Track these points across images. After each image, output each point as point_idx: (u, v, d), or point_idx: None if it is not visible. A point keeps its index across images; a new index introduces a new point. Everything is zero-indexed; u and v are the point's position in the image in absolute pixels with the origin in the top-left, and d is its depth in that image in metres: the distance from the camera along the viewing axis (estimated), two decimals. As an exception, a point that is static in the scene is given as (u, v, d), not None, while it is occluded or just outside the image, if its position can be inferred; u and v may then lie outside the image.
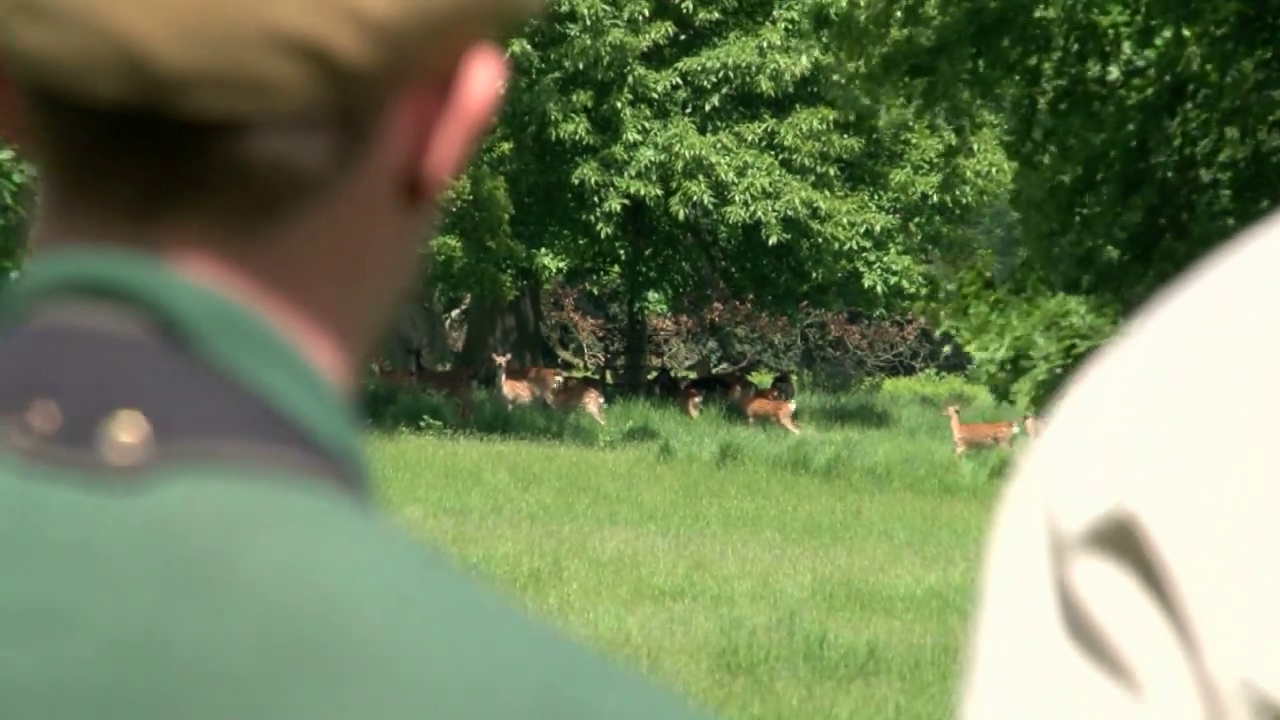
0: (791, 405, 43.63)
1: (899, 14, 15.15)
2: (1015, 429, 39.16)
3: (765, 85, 44.59)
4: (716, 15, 45.01)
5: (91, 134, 1.13)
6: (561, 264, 46.77)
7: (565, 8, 42.87)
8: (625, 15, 44.16)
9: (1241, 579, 1.05)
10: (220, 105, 1.11)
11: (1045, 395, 15.12)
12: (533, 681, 1.10)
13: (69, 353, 1.14)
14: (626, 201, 44.98)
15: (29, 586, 1.10)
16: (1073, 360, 14.21)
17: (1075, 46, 14.45)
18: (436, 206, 1.22)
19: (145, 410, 1.11)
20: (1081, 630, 1.06)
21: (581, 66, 44.00)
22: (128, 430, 1.11)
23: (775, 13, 44.73)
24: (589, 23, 43.60)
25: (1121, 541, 1.07)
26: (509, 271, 45.49)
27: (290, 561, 1.10)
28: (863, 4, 15.74)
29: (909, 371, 62.07)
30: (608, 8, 43.89)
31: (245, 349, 1.14)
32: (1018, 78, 15.00)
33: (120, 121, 1.12)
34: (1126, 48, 14.18)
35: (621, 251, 47.46)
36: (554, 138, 44.13)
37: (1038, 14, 14.39)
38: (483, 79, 1.19)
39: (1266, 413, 1.06)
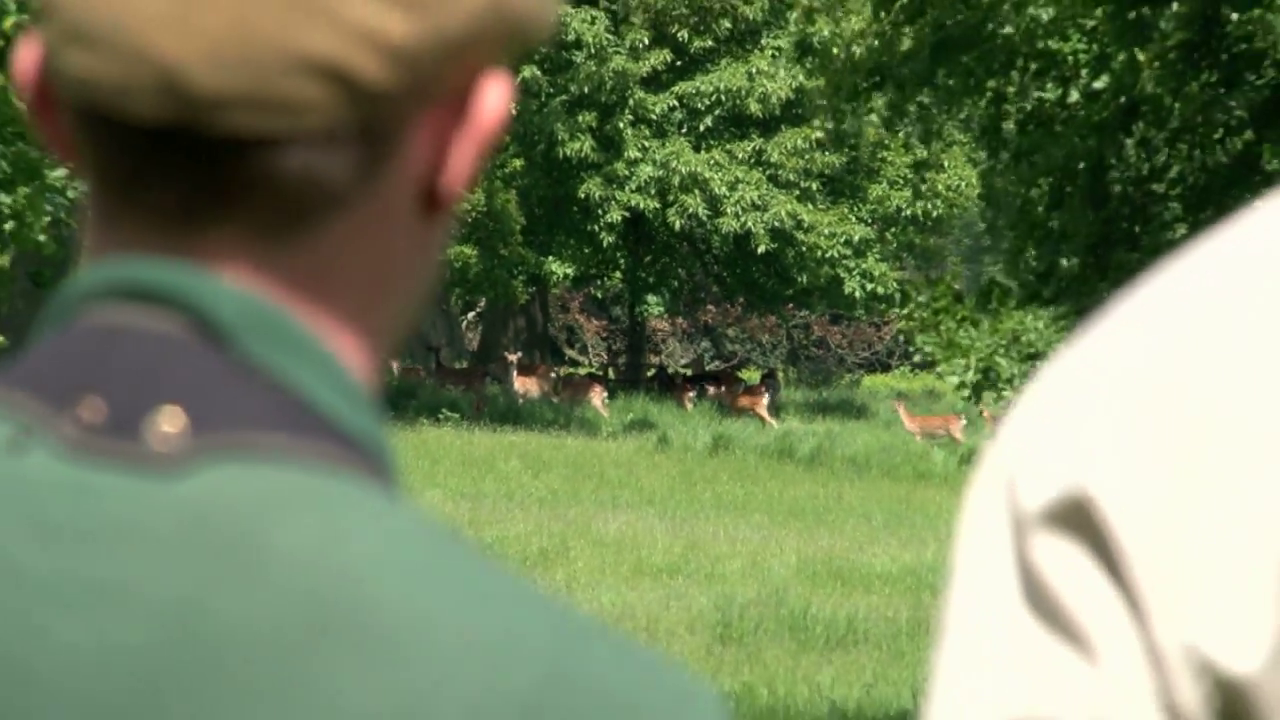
0: (765, 399, 43.70)
1: (874, 39, 15.14)
2: (964, 420, 39.50)
3: (754, 107, 44.55)
4: (710, 43, 44.98)
5: (134, 150, 1.13)
6: (568, 270, 46.66)
7: (572, 36, 42.92)
8: (627, 44, 44.15)
9: (1187, 554, 1.04)
10: (252, 124, 1.11)
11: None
12: (538, 649, 1.09)
13: (114, 351, 1.13)
14: (627, 213, 44.85)
15: (80, 561, 1.10)
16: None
17: (1034, 69, 14.42)
18: (454, 217, 1.22)
19: (185, 404, 1.12)
20: (1041, 602, 1.05)
21: (587, 90, 43.95)
22: (169, 422, 1.11)
23: (763, 41, 44.75)
24: (593, 50, 43.64)
25: (1077, 519, 1.06)
26: (520, 277, 45.47)
27: (318, 541, 1.10)
28: (844, 36, 15.73)
29: (885, 368, 62.07)
30: (611, 37, 43.94)
31: (277, 348, 1.14)
32: (983, 100, 14.96)
33: (160, 138, 1.12)
34: (1084, 73, 14.15)
35: (623, 259, 47.43)
36: (561, 155, 44.03)
37: (999, 35, 14.36)
38: (494, 99, 1.18)
39: (1213, 400, 1.06)
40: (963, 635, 1.08)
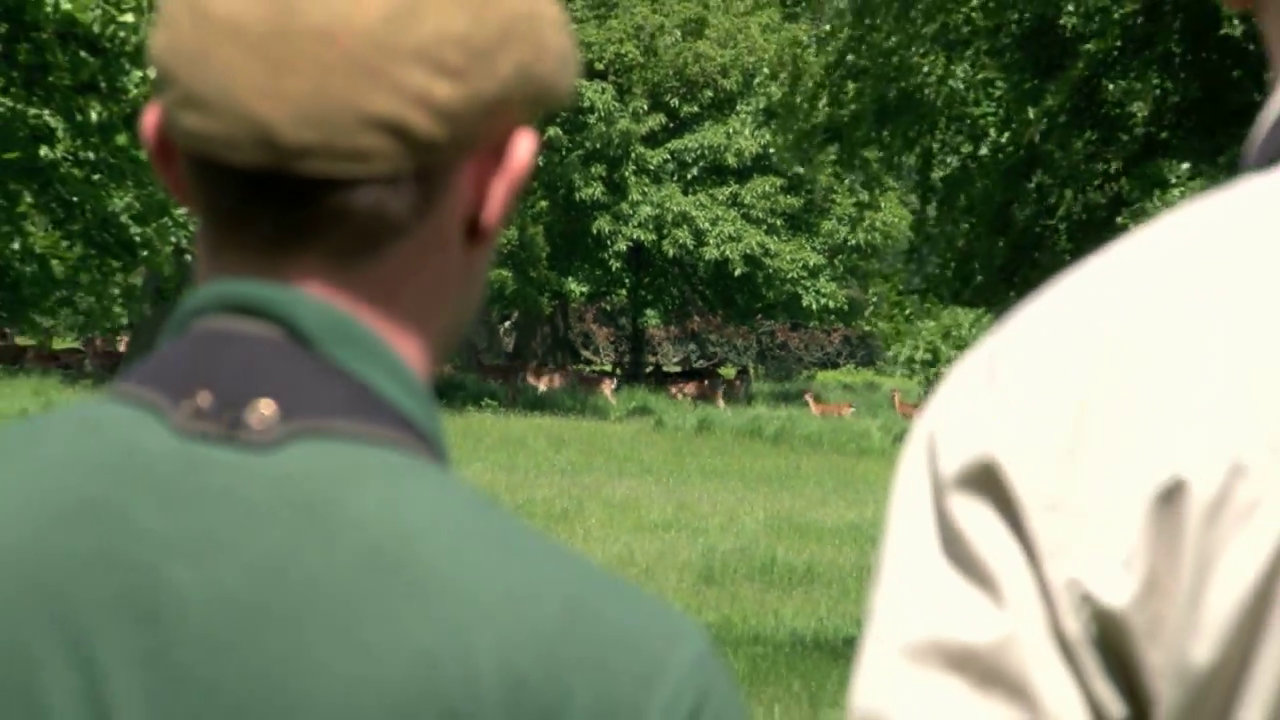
0: (720, 392, 44.61)
1: (824, 100, 15.12)
2: (853, 408, 40.72)
3: (730, 160, 44.66)
4: (695, 109, 45.06)
5: (235, 191, 1.13)
6: (583, 289, 46.83)
7: (586, 103, 42.99)
8: (630, 109, 44.12)
9: (1072, 507, 1.03)
10: (330, 169, 1.11)
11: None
12: (559, 593, 1.09)
13: (221, 353, 1.13)
14: (630, 244, 44.98)
15: (191, 521, 1.10)
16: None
17: (954, 130, 14.41)
18: (493, 247, 1.21)
19: (276, 396, 1.12)
20: (955, 549, 1.03)
21: (598, 146, 44.02)
22: (263, 410, 1.11)
23: (738, 107, 44.87)
24: (603, 114, 43.65)
25: (984, 481, 1.04)
26: (545, 294, 45.46)
27: (381, 505, 1.09)
28: (799, 99, 15.70)
29: (834, 366, 62.02)
30: (617, 104, 43.97)
31: (351, 351, 1.13)
32: (914, 155, 14.97)
33: (256, 181, 1.12)
34: (992, 132, 14.14)
35: (627, 280, 47.46)
36: (578, 198, 44.08)
37: (926, 103, 14.35)
38: (524, 149, 1.17)
39: (1094, 381, 1.03)
40: (895, 576, 1.06)
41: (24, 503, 1.11)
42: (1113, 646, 1.02)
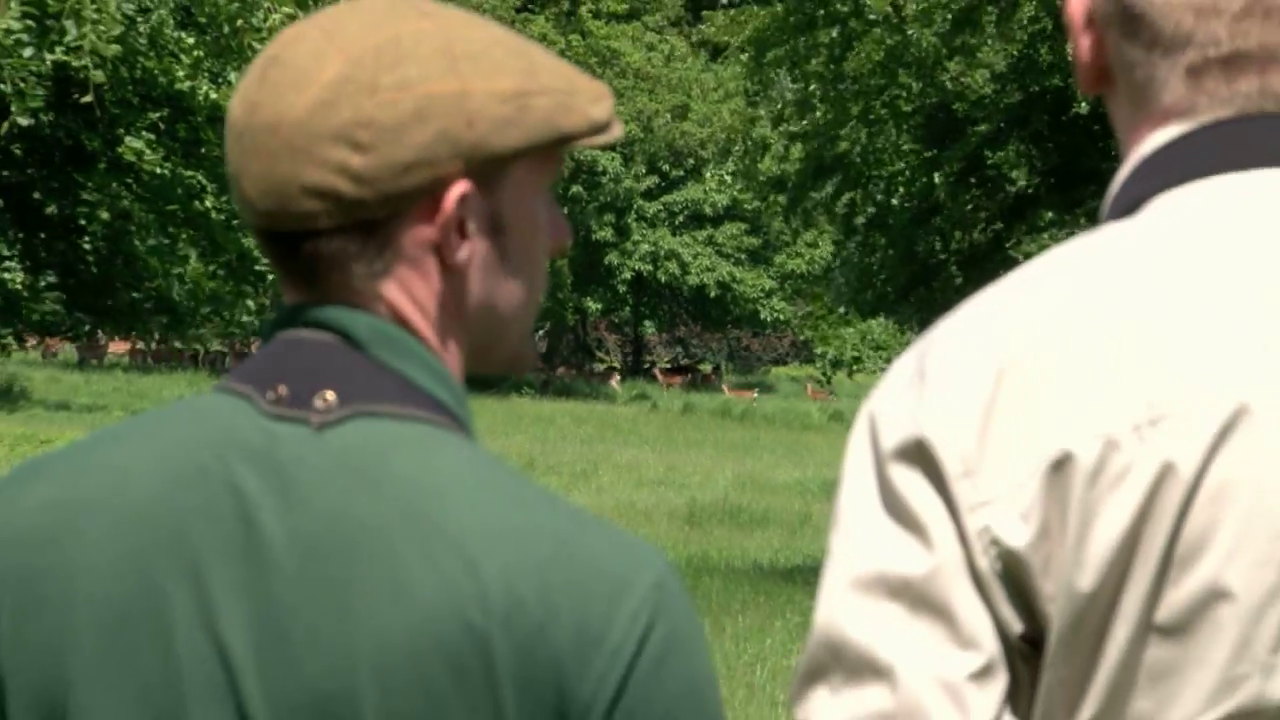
0: (678, 380, 45.19)
1: (772, 160, 15.19)
2: (756, 394, 40.97)
3: (707, 209, 45.35)
4: (681, 172, 45.55)
5: (266, 244, 1.16)
6: (598, 306, 47.31)
7: (600, 168, 43.45)
8: (632, 172, 44.58)
9: (984, 471, 1.02)
10: (291, 226, 1.11)
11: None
12: (550, 533, 1.08)
13: (293, 355, 1.14)
14: (633, 274, 45.64)
15: (273, 482, 1.10)
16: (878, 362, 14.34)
17: (873, 186, 14.41)
18: (528, 282, 1.18)
19: (335, 387, 1.12)
20: (893, 506, 1.03)
21: (609, 199, 44.48)
22: (326, 397, 1.11)
23: (712, 170, 45.31)
24: (612, 176, 44.05)
25: (916, 454, 1.03)
26: (569, 309, 45.74)
27: (414, 469, 1.09)
28: (752, 160, 15.73)
29: (784, 363, 62.09)
30: (623, 169, 44.38)
31: (391, 352, 1.13)
32: (841, 205, 14.98)
33: (263, 235, 1.15)
34: (902, 188, 14.15)
35: (630, 299, 47.96)
36: (594, 239, 44.46)
37: (854, 164, 14.37)
38: (451, 197, 1.12)
39: (1002, 371, 1.03)
40: (847, 526, 1.06)
41: (155, 470, 1.11)
42: (1014, 579, 1.02)
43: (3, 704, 1.10)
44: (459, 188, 1.10)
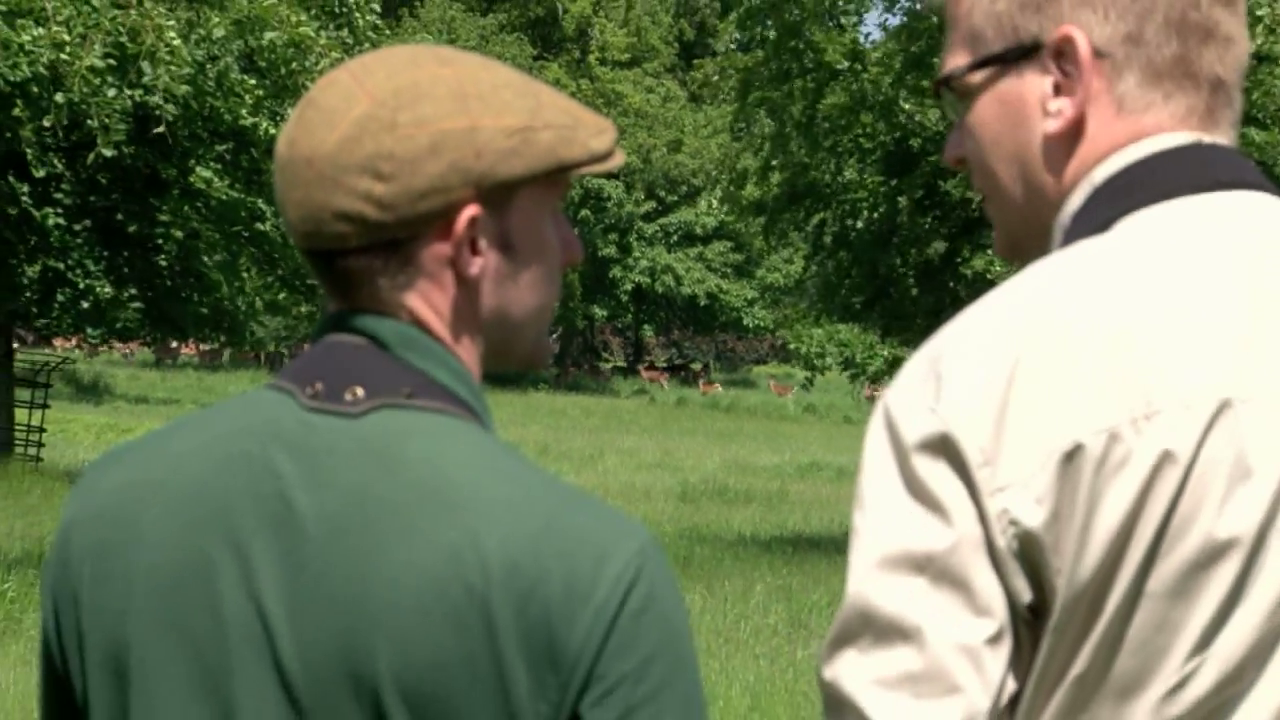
0: (665, 378, 44.77)
1: (753, 185, 15.23)
2: (719, 387, 41.11)
3: (698, 230, 45.38)
4: (676, 198, 45.74)
5: (308, 260, 1.17)
6: (604, 313, 47.21)
7: (606, 195, 43.51)
8: (633, 198, 44.72)
9: (1001, 459, 1.01)
10: (326, 245, 1.12)
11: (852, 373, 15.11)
12: (545, 510, 1.07)
13: (329, 356, 1.14)
14: (633, 285, 45.70)
15: (308, 465, 1.10)
16: (852, 362, 14.36)
17: (841, 209, 14.41)
18: (510, 289, 1.17)
19: (363, 383, 1.12)
20: (918, 491, 1.02)
21: (613, 221, 44.66)
22: (355, 392, 1.12)
23: (703, 194, 45.44)
24: (616, 201, 44.11)
25: (941, 447, 1.02)
26: (579, 316, 45.81)
27: (428, 452, 1.09)
28: (746, 190, 15.74)
29: (764, 363, 62.12)
30: (625, 195, 44.42)
31: (413, 352, 1.13)
32: (811, 226, 14.99)
33: (306, 254, 1.15)
34: (866, 210, 14.15)
35: (631, 308, 48.01)
36: (600, 255, 44.61)
37: (823, 189, 14.39)
38: (462, 220, 1.13)
39: (1013, 372, 1.02)
40: (873, 509, 1.04)
41: (207, 454, 1.13)
42: (1028, 555, 1.01)
43: (82, 660, 1.13)
44: (469, 211, 1.11)
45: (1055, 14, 1.11)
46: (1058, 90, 1.11)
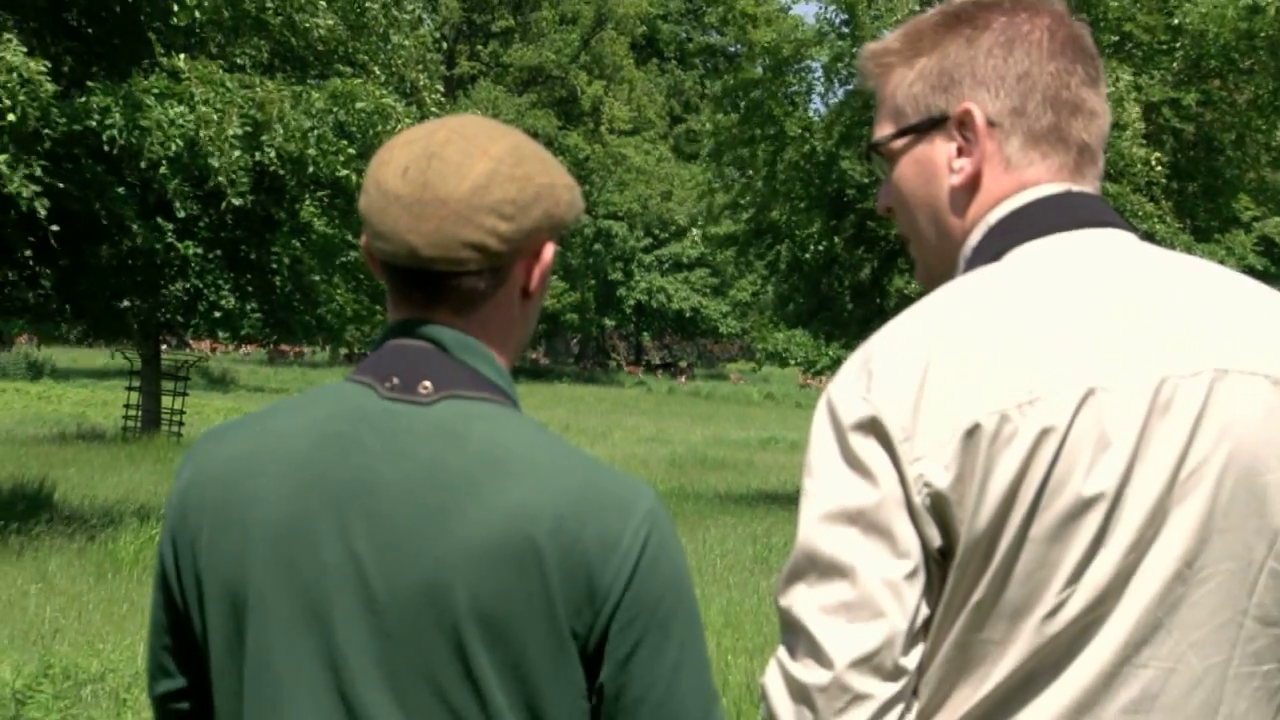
0: (640, 370, 44.69)
1: (725, 224, 15.18)
2: (685, 378, 40.46)
3: (684, 260, 45.33)
4: (667, 235, 45.78)
5: (401, 278, 1.14)
6: (612, 323, 46.90)
7: (614, 233, 43.45)
8: (634, 234, 44.52)
9: (919, 434, 1.01)
10: (445, 268, 1.10)
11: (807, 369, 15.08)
12: (580, 475, 1.07)
13: (401, 356, 1.13)
14: (635, 302, 45.50)
15: (389, 442, 1.08)
16: (806, 360, 14.35)
17: (792, 243, 14.34)
18: (539, 305, 1.18)
19: (431, 378, 1.11)
20: (853, 460, 1.03)
21: (618, 253, 44.51)
22: (425, 385, 1.10)
23: (688, 232, 45.44)
24: (621, 238, 43.98)
25: (871, 426, 1.02)
26: (593, 325, 45.73)
27: (487, 430, 1.08)
28: (719, 228, 15.69)
29: (735, 361, 62.04)
30: (628, 232, 44.21)
31: (468, 355, 1.12)
32: (770, 255, 14.93)
33: (410, 273, 1.12)
34: (811, 244, 14.09)
35: (633, 319, 47.90)
36: (609, 279, 44.47)
37: (778, 227, 14.33)
38: (548, 253, 1.15)
39: (926, 369, 1.02)
40: (818, 476, 1.03)
41: (307, 433, 1.11)
42: (937, 510, 1.01)
43: (200, 593, 1.11)
44: (551, 246, 1.14)
45: (958, 94, 1.11)
46: (960, 152, 1.12)
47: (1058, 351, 1.02)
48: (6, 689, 4.57)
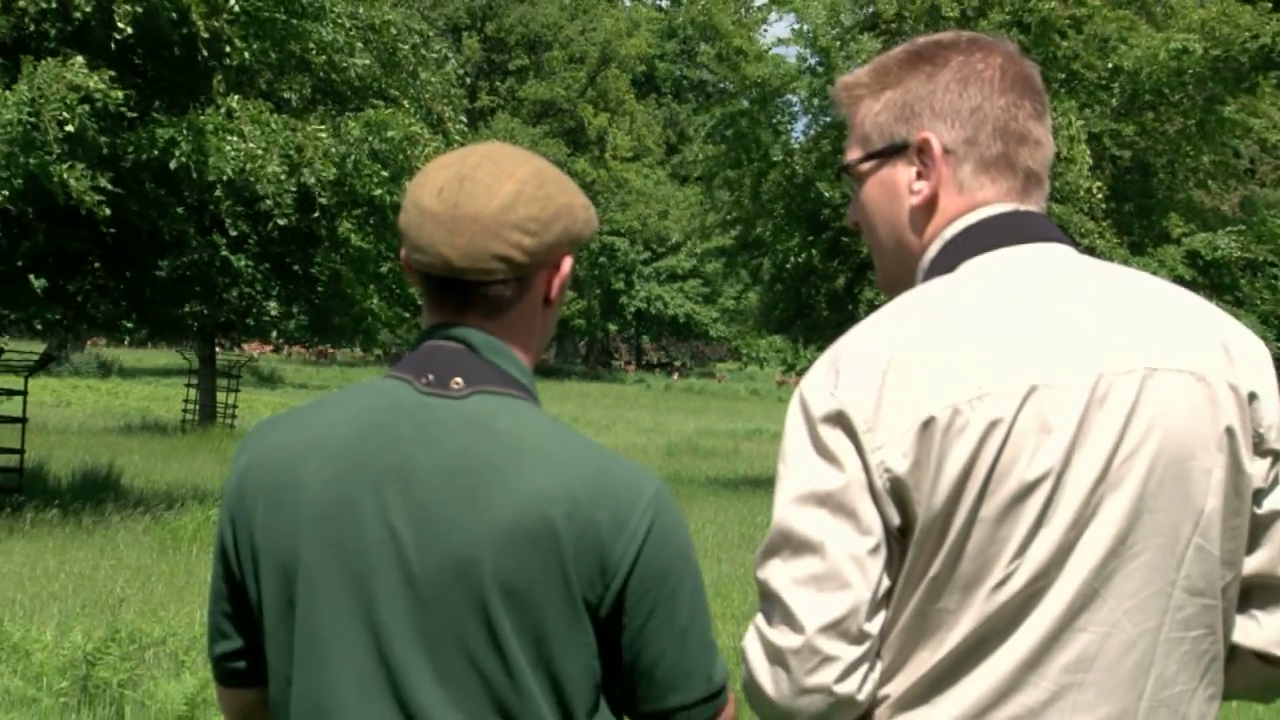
0: (632, 367, 44.51)
1: (715, 239, 15.17)
2: (676, 375, 40.11)
3: (679, 271, 45.07)
4: (664, 250, 45.72)
5: (436, 286, 1.13)
6: (615, 328, 46.85)
7: (618, 249, 43.45)
8: (635, 249, 44.41)
9: (880, 425, 1.01)
10: (475, 278, 1.10)
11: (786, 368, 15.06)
12: (593, 462, 1.07)
13: (435, 355, 1.12)
14: (636, 309, 45.32)
15: (424, 432, 1.08)
16: (787, 361, 14.33)
17: (774, 255, 14.31)
18: (558, 311, 1.17)
19: (463, 375, 1.10)
20: (822, 449, 1.02)
21: (621, 265, 44.36)
22: (457, 381, 1.10)
23: (681, 248, 45.45)
24: (624, 253, 43.85)
25: (838, 419, 1.02)
26: (599, 329, 45.71)
27: (512, 422, 1.08)
28: (709, 242, 15.68)
29: (724, 361, 62.03)
30: (630, 247, 44.02)
31: (496, 355, 1.12)
32: (753, 264, 14.91)
33: (444, 282, 1.12)
34: (790, 256, 14.07)
35: (634, 324, 47.86)
36: (612, 289, 44.41)
37: (761, 240, 14.32)
38: (567, 265, 1.15)
39: (886, 367, 1.02)
40: (792, 462, 1.03)
41: (350, 423, 1.11)
42: (897, 493, 1.01)
43: (255, 566, 1.12)
44: (569, 259, 1.14)
45: (918, 124, 1.12)
46: (919, 176, 1.13)
47: (1005, 352, 1.03)
48: (79, 651, 4.60)
